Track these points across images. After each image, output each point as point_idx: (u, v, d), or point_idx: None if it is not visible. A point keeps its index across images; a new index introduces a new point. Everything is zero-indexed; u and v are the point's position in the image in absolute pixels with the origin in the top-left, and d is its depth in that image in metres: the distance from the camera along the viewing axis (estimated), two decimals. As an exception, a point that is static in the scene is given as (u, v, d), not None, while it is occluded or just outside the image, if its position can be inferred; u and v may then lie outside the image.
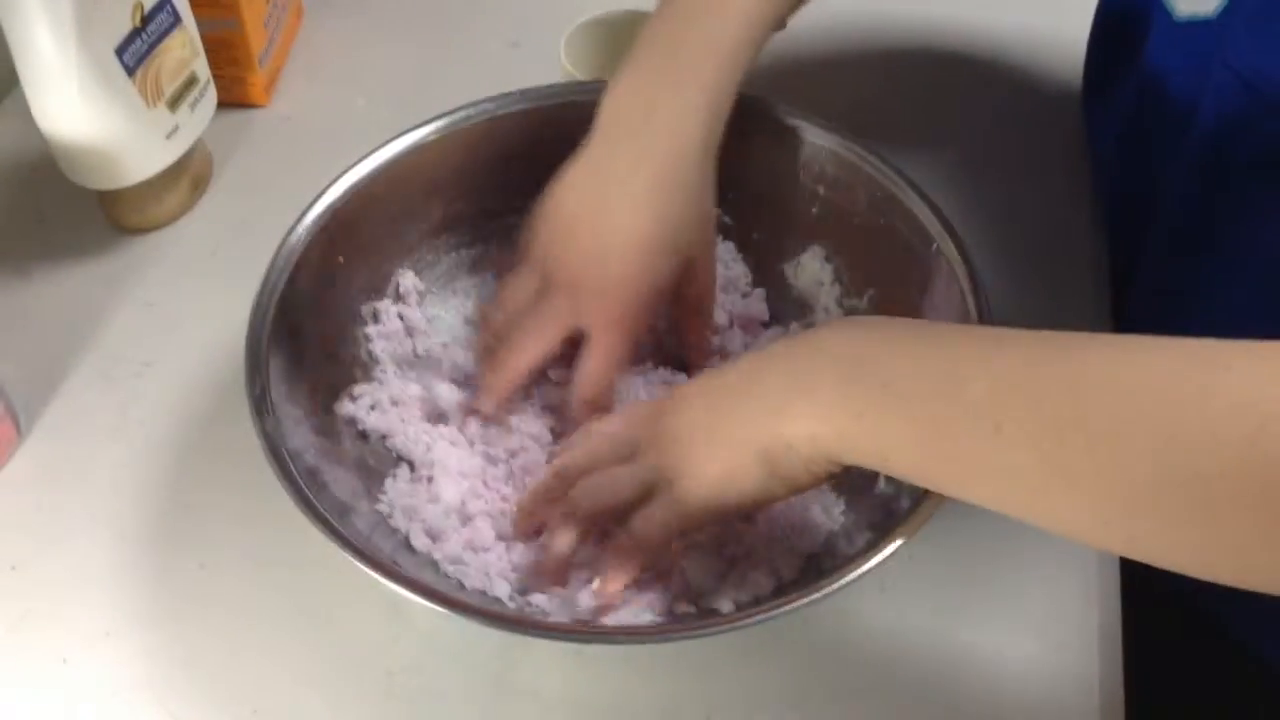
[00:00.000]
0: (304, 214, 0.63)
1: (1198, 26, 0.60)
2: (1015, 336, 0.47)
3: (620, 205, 0.62)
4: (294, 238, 0.62)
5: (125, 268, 0.76)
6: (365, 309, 0.66)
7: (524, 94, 0.69)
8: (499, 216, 0.70)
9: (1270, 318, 0.58)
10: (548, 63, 0.78)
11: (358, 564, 0.52)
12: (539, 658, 0.59)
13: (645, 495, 0.55)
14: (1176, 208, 0.65)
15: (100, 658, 0.59)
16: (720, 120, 0.63)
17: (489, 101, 0.69)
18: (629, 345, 0.63)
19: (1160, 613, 0.64)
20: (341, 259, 0.64)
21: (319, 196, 0.64)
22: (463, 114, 0.68)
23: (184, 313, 0.74)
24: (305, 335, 0.61)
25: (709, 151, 0.63)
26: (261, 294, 0.60)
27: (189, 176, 0.78)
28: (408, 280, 0.68)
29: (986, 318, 0.58)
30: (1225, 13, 0.59)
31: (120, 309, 0.74)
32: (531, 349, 0.63)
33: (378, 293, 0.67)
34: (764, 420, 0.52)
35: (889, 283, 0.66)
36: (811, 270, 0.70)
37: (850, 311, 0.68)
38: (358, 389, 0.64)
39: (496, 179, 0.69)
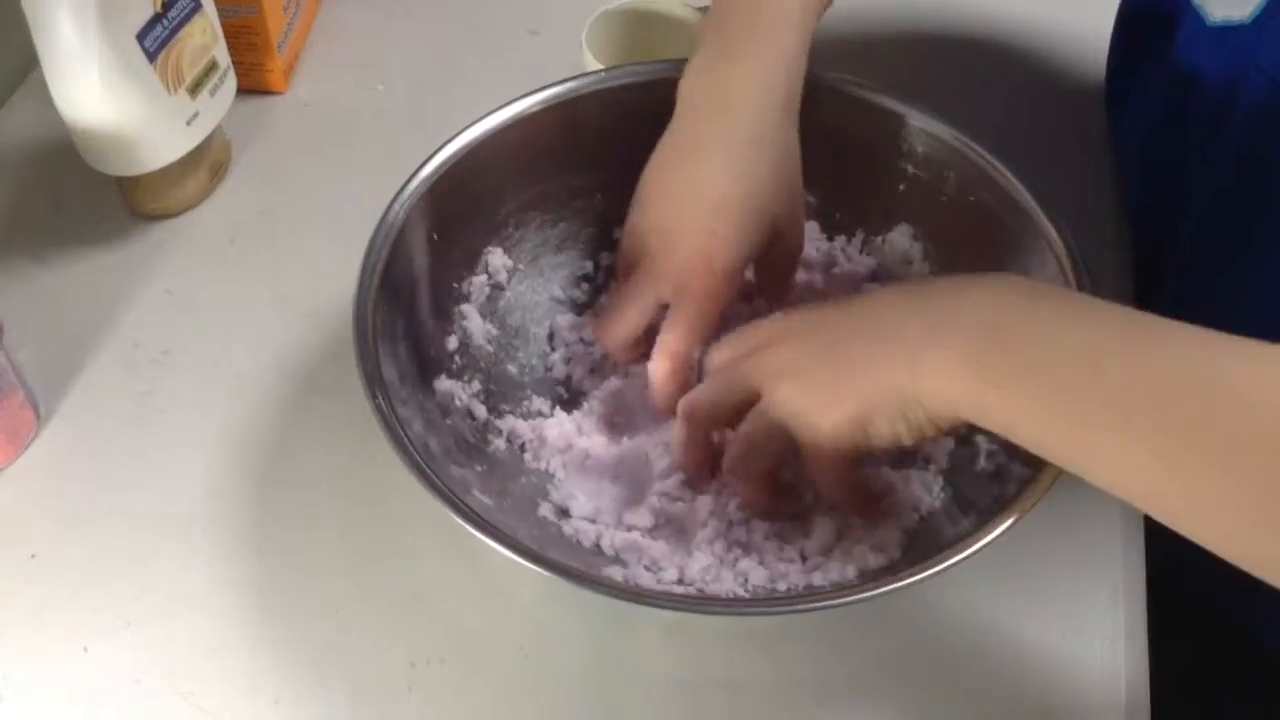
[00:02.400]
0: (403, 189, 0.63)
1: (1231, 29, 0.60)
2: (1163, 327, 0.47)
3: (710, 177, 0.62)
4: (393, 214, 0.62)
5: (144, 254, 0.76)
6: (459, 286, 0.66)
7: (610, 73, 0.70)
8: (586, 194, 0.70)
9: None
10: (568, 51, 0.77)
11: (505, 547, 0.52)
12: (557, 646, 0.59)
13: (785, 438, 0.55)
14: (1207, 210, 0.64)
15: (121, 646, 0.59)
16: (798, 85, 0.63)
17: (576, 79, 0.69)
18: (714, 316, 0.63)
19: (1184, 616, 0.64)
20: (436, 236, 0.64)
21: (417, 171, 0.63)
22: (553, 92, 0.68)
23: (202, 300, 0.74)
24: (405, 311, 0.62)
25: (791, 117, 0.63)
26: (365, 270, 0.59)
27: (208, 163, 0.78)
28: (497, 258, 0.68)
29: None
30: (1261, 16, 0.58)
31: (139, 296, 0.73)
32: (627, 320, 0.64)
33: (469, 269, 0.67)
34: (897, 371, 0.51)
35: (982, 262, 0.65)
36: (900, 248, 0.69)
37: None
38: (455, 364, 0.64)
39: (585, 157, 0.69)
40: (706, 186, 0.62)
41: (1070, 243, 0.60)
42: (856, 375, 0.53)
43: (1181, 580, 0.58)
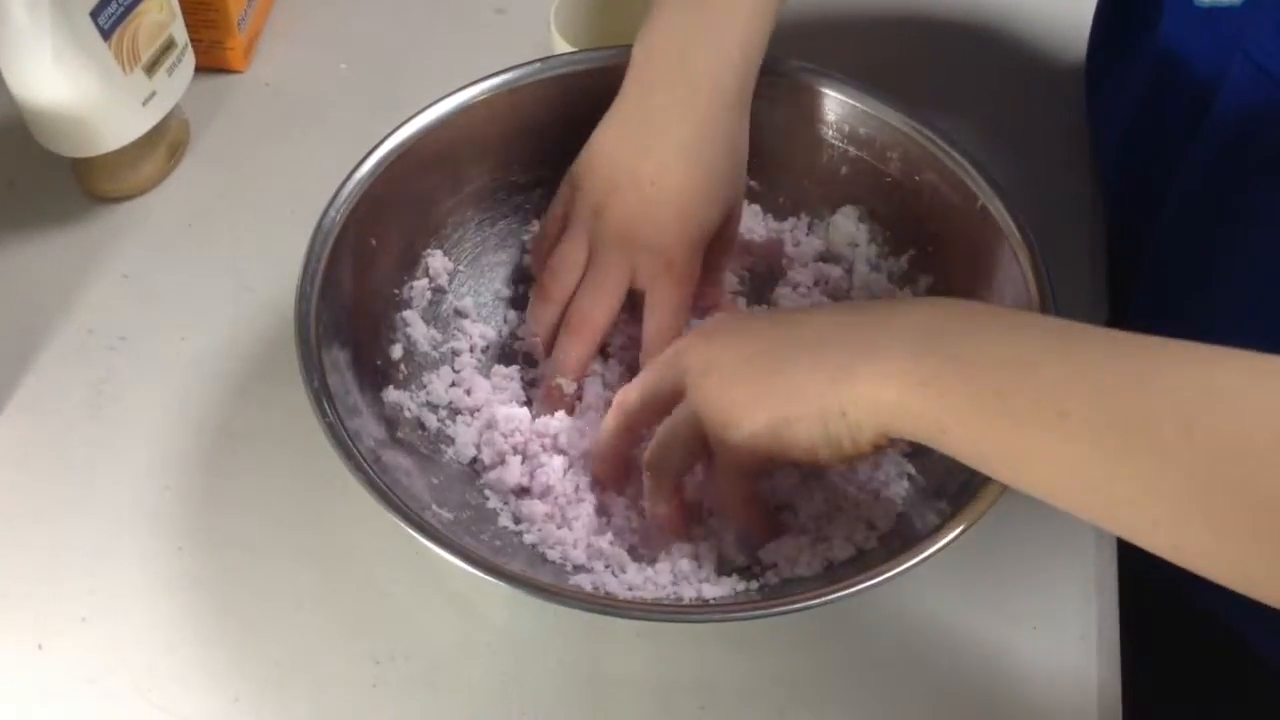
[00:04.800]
0: (337, 194, 0.61)
1: (1219, 12, 0.59)
2: (1092, 330, 0.47)
3: (666, 157, 0.62)
4: (328, 221, 0.60)
5: (99, 238, 0.74)
6: (399, 292, 0.65)
7: (547, 63, 0.68)
8: (525, 190, 0.69)
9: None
10: (534, 31, 0.76)
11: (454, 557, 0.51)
12: (523, 643, 0.58)
13: (700, 436, 0.55)
14: (1190, 196, 0.64)
15: (76, 644, 0.57)
16: (753, 71, 0.63)
17: (513, 70, 0.67)
18: (688, 295, 0.64)
19: (1158, 610, 0.64)
20: (374, 241, 0.63)
21: (350, 176, 0.62)
22: (487, 85, 0.66)
23: (160, 284, 0.72)
24: (347, 321, 0.60)
25: (744, 102, 0.63)
26: (304, 280, 0.58)
27: (165, 144, 0.76)
28: (437, 261, 0.66)
29: (1040, 275, 0.57)
30: (1250, 2, 0.57)
31: (95, 280, 0.72)
32: (600, 314, 0.63)
33: (409, 274, 0.65)
34: (824, 380, 0.50)
35: (930, 242, 0.65)
36: (845, 230, 0.68)
37: (890, 272, 0.67)
38: (401, 373, 0.63)
39: (523, 151, 0.68)
40: (663, 168, 0.62)
41: (1020, 219, 0.59)
42: (780, 379, 0.52)
43: (1155, 577, 0.57)
